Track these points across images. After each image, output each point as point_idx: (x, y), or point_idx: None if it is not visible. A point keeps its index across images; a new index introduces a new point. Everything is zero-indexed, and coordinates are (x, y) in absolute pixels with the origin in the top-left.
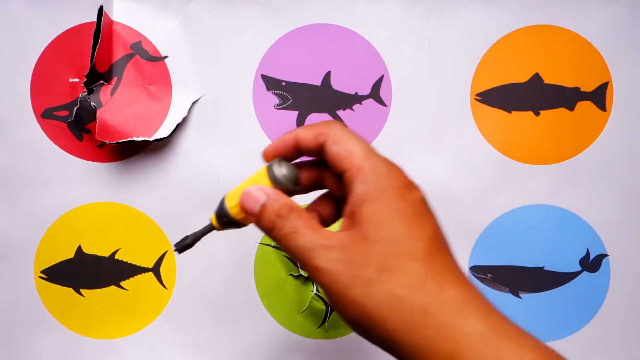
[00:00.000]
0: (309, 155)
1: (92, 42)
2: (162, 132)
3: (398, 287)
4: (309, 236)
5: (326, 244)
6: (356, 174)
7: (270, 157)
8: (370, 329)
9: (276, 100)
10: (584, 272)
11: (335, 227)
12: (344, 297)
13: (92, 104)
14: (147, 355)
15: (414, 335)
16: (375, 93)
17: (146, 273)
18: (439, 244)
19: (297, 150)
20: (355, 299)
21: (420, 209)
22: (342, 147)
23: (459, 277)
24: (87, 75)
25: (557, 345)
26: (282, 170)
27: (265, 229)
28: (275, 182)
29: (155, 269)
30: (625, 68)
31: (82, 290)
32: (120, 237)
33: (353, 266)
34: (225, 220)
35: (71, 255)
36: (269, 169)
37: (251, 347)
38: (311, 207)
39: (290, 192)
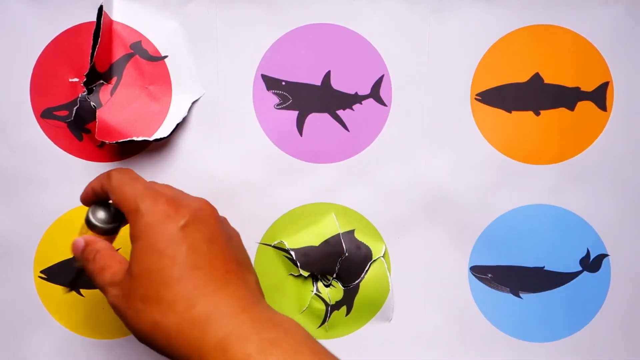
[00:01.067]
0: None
1: (91, 41)
2: (162, 132)
3: (155, 313)
4: (103, 276)
5: (113, 281)
6: (129, 217)
7: (85, 203)
8: (150, 346)
9: (276, 100)
10: (585, 272)
11: None
12: (127, 325)
13: (92, 103)
14: (146, 356)
15: (174, 350)
16: (375, 93)
17: None
18: (191, 265)
19: (98, 197)
20: (132, 326)
21: (175, 237)
22: (117, 195)
23: (212, 290)
24: (86, 75)
25: (557, 344)
26: (95, 215)
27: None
28: (90, 227)
29: None
30: (625, 68)
31: (82, 290)
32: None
33: (127, 300)
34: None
35: (71, 255)
36: (85, 217)
37: None
38: None
39: (108, 231)
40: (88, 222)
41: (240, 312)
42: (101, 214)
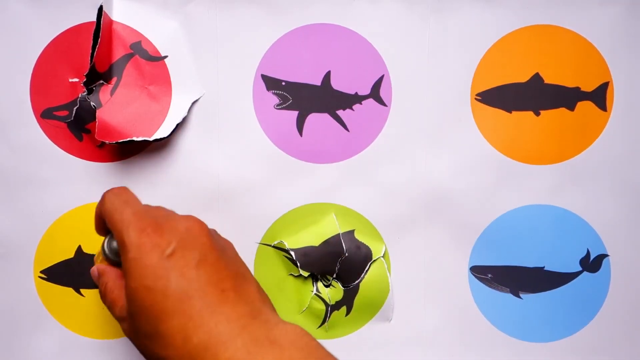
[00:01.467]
0: None
1: (91, 41)
2: (162, 132)
3: (157, 348)
4: (114, 311)
5: (121, 316)
6: (120, 248)
7: (99, 233)
8: None
9: (276, 100)
10: (585, 273)
11: None
12: (142, 355)
13: (92, 103)
14: None
15: None
16: (375, 93)
17: None
18: (183, 295)
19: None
20: (144, 357)
21: (162, 269)
22: (108, 224)
23: (208, 317)
24: (86, 75)
25: (557, 345)
26: (109, 246)
27: None
28: (106, 258)
29: None
30: (625, 68)
31: (82, 290)
32: None
33: (136, 334)
34: None
35: (71, 255)
36: (102, 245)
37: None
38: None
39: (120, 263)
40: (102, 251)
41: (236, 336)
42: (115, 245)
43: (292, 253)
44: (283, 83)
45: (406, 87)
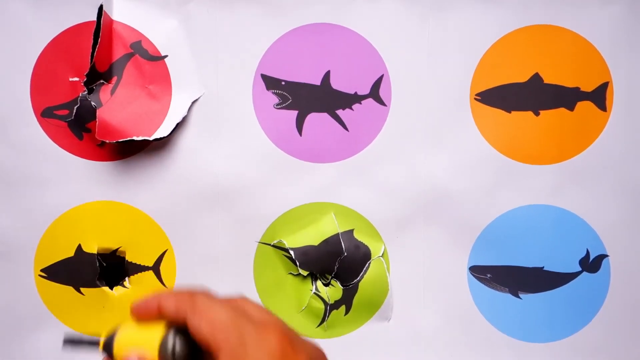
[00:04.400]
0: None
1: (92, 41)
2: (162, 131)
3: None
4: None
5: None
6: (220, 350)
7: (137, 318)
8: None
9: (276, 99)
10: (584, 273)
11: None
12: None
13: (92, 103)
14: None
15: None
16: (374, 93)
17: (146, 271)
18: None
19: (161, 317)
20: None
21: None
22: (204, 319)
23: None
24: (87, 75)
25: (557, 345)
26: (175, 348)
27: None
28: (163, 357)
29: (156, 268)
30: (625, 68)
31: (82, 289)
32: (120, 235)
33: None
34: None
35: (71, 253)
36: (163, 343)
37: None
38: None
39: None
40: (164, 353)
41: None
42: (182, 348)
43: (292, 252)
44: (283, 82)
45: (406, 87)
